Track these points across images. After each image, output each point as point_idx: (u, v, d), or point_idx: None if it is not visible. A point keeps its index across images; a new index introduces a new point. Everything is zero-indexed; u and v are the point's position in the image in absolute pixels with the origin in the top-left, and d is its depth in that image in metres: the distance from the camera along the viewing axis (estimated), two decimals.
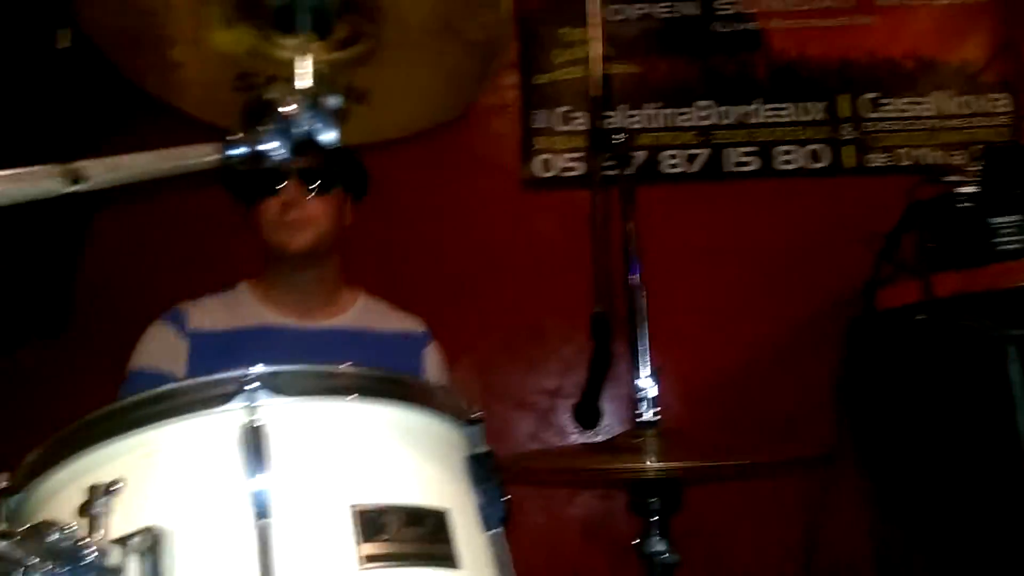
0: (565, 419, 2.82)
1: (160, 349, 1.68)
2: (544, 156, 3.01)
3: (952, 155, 2.84)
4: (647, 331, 1.58)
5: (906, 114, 2.91)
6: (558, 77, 3.07)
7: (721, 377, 2.70)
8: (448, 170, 3.03)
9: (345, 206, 1.87)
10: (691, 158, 2.96)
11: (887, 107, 2.93)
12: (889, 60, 3.01)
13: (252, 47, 0.90)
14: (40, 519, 0.76)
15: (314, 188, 1.76)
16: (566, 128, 3.02)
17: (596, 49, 2.21)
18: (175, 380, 1.61)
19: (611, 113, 3.00)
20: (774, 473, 1.71)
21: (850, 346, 2.34)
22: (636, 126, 2.99)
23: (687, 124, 2.99)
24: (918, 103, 2.92)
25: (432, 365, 1.90)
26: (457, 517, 0.84)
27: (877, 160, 2.89)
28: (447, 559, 0.80)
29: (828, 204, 2.84)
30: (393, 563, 0.76)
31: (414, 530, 0.79)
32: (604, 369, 1.98)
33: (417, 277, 2.87)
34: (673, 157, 2.97)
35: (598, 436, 2.70)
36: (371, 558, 0.74)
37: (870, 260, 2.49)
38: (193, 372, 1.65)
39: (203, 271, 2.64)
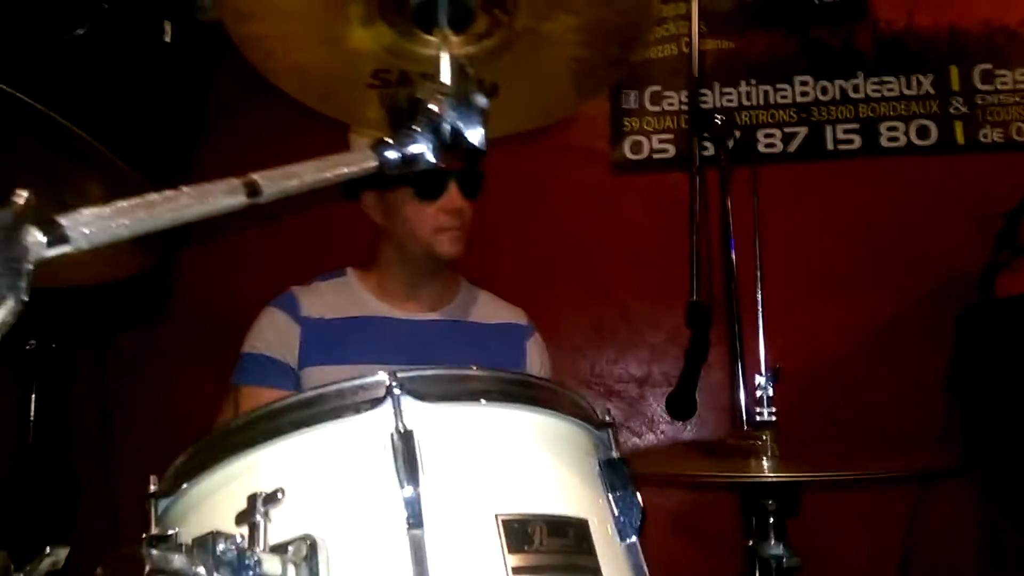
0: (655, 408, 2.78)
1: (274, 334, 1.70)
2: (634, 138, 2.95)
3: None
4: (761, 326, 1.53)
5: (1022, 86, 2.74)
6: (649, 55, 2.99)
7: (825, 368, 2.60)
8: (538, 156, 2.99)
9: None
10: (789, 137, 2.85)
11: (1002, 79, 2.76)
12: (1003, 29, 2.82)
13: (391, 44, 0.89)
14: (192, 523, 0.78)
15: (469, 192, 1.76)
16: (657, 108, 2.95)
17: (694, 27, 2.14)
18: (288, 366, 1.66)
19: (705, 91, 2.91)
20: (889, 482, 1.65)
21: (964, 336, 2.23)
22: (731, 104, 2.89)
23: (785, 101, 2.88)
24: None
25: (535, 356, 1.89)
26: (597, 526, 0.83)
27: (991, 136, 2.73)
28: (591, 571, 0.79)
29: (937, 184, 2.70)
30: (540, 574, 0.75)
31: (558, 541, 0.78)
32: (701, 360, 1.94)
33: (509, 264, 2.85)
34: (770, 136, 2.87)
35: (688, 428, 2.68)
36: (519, 569, 0.74)
37: (984, 244, 2.37)
38: (306, 358, 1.67)
39: (298, 259, 2.70)
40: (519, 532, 0.76)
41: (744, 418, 1.53)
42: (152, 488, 0.84)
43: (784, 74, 2.89)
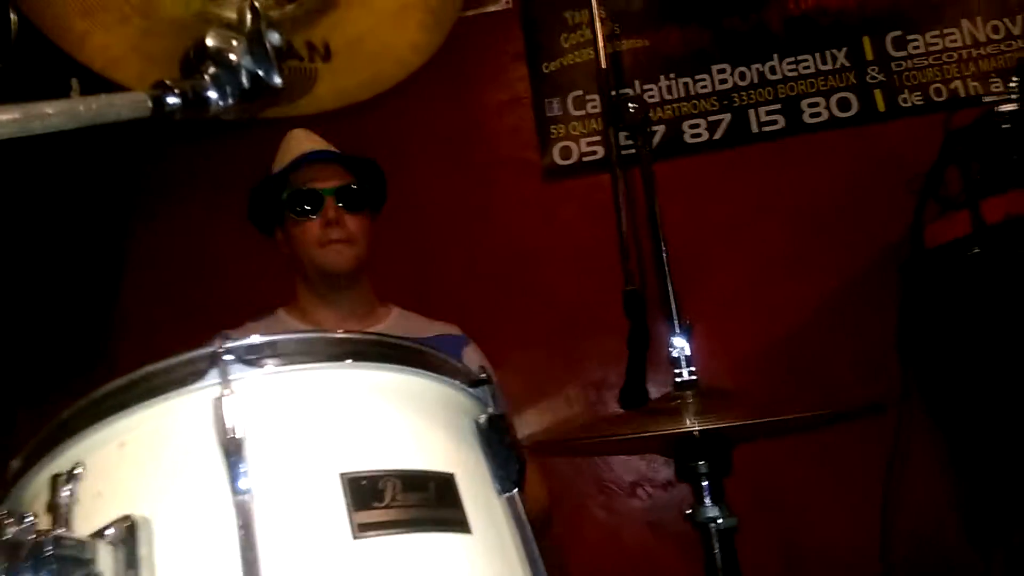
0: (613, 408, 2.73)
1: None
2: (562, 144, 2.94)
3: (990, 83, 2.68)
4: (673, 290, 1.48)
5: (935, 48, 2.76)
6: (568, 62, 3.00)
7: (781, 346, 2.57)
8: (467, 172, 2.98)
9: (372, 222, 1.90)
10: (714, 125, 2.86)
11: (913, 43, 2.79)
12: None
13: (200, 11, 0.86)
14: None
15: (352, 206, 1.81)
16: (581, 112, 2.95)
17: (595, 15, 2.15)
18: None
19: (626, 91, 2.91)
20: (826, 425, 1.59)
21: (904, 291, 2.20)
22: (653, 100, 2.90)
23: (705, 91, 2.89)
24: (947, 34, 2.77)
25: (473, 364, 1.85)
26: (465, 481, 0.77)
27: (911, 100, 2.74)
28: (456, 524, 0.73)
29: (865, 152, 2.71)
30: (393, 530, 0.69)
31: (416, 495, 0.72)
32: (643, 347, 1.89)
33: (448, 283, 2.82)
34: (695, 127, 2.87)
35: None
36: (366, 527, 0.68)
37: (915, 203, 2.36)
38: None
39: (236, 301, 2.65)
40: (367, 489, 0.70)
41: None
42: None
43: (701, 65, 2.91)
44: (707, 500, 1.27)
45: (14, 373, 2.45)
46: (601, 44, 2.13)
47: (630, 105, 1.93)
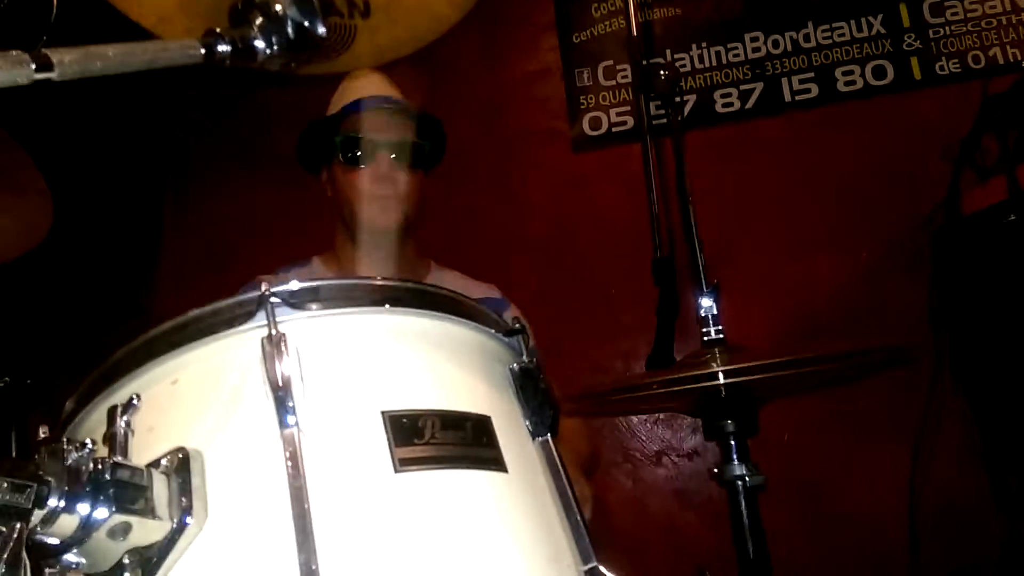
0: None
1: None
2: (592, 114, 2.94)
3: None
4: (702, 254, 1.48)
5: (974, 14, 2.71)
6: (598, 31, 2.99)
7: (806, 309, 2.56)
8: (497, 142, 2.99)
9: (424, 180, 1.83)
10: (746, 94, 2.83)
11: (951, 9, 2.73)
12: None
13: None
14: None
15: (406, 163, 1.73)
16: (611, 82, 2.94)
17: None
18: None
19: (657, 60, 2.89)
20: (853, 381, 1.59)
21: (939, 258, 2.19)
22: (684, 69, 2.88)
23: (737, 59, 2.86)
24: (986, 0, 2.71)
25: None
26: (500, 423, 0.79)
27: (947, 67, 2.70)
28: (493, 462, 0.76)
29: (899, 121, 2.68)
30: (432, 465, 0.71)
31: (454, 433, 0.75)
32: (672, 314, 1.90)
33: (478, 252, 2.83)
34: (727, 96, 2.85)
35: None
36: (407, 461, 0.70)
37: (950, 171, 2.33)
38: None
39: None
40: (407, 426, 0.73)
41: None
42: (43, 435, 0.81)
43: (734, 33, 2.88)
44: (735, 458, 1.28)
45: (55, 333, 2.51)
46: (632, 12, 2.13)
47: (661, 73, 1.92)
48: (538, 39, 3.07)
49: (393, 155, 1.71)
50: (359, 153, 1.71)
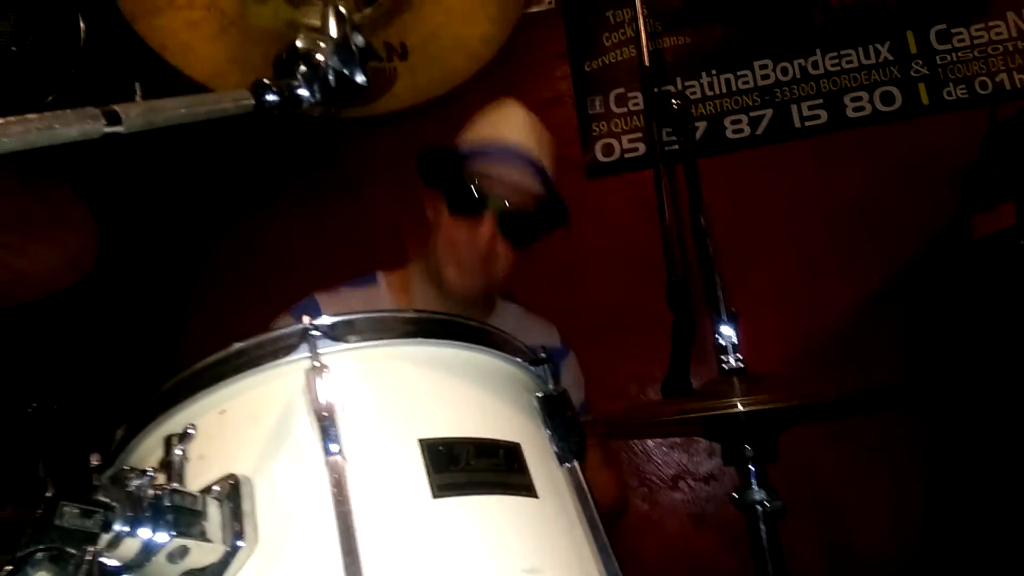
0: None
1: None
2: (604, 141, 2.99)
3: None
4: (720, 280, 1.52)
5: (980, 40, 2.76)
6: (610, 60, 3.05)
7: (819, 335, 2.59)
8: None
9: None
10: (755, 121, 2.88)
11: (958, 36, 2.78)
12: None
13: (290, 19, 0.93)
14: None
15: (511, 234, 1.58)
16: (623, 110, 3.00)
17: (638, 9, 2.19)
18: None
19: (667, 87, 2.95)
20: (870, 412, 1.61)
21: (949, 283, 2.21)
22: (694, 96, 2.93)
23: (747, 86, 2.91)
24: (992, 27, 2.76)
25: (569, 379, 1.79)
26: (530, 450, 0.83)
27: (955, 93, 2.74)
28: (524, 488, 0.79)
29: (908, 147, 2.72)
30: (468, 491, 0.75)
31: (487, 460, 0.79)
32: (687, 339, 1.93)
33: None
34: (737, 123, 2.90)
35: None
36: (444, 487, 0.74)
37: (959, 197, 2.37)
38: None
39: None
40: (444, 454, 0.76)
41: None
42: (95, 463, 0.85)
43: (743, 60, 2.93)
44: (754, 483, 1.31)
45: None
46: (643, 41, 2.19)
47: (673, 101, 1.97)
48: (551, 67, 3.13)
49: (500, 223, 1.57)
50: (464, 202, 1.57)
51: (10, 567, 0.57)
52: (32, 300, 1.13)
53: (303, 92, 0.77)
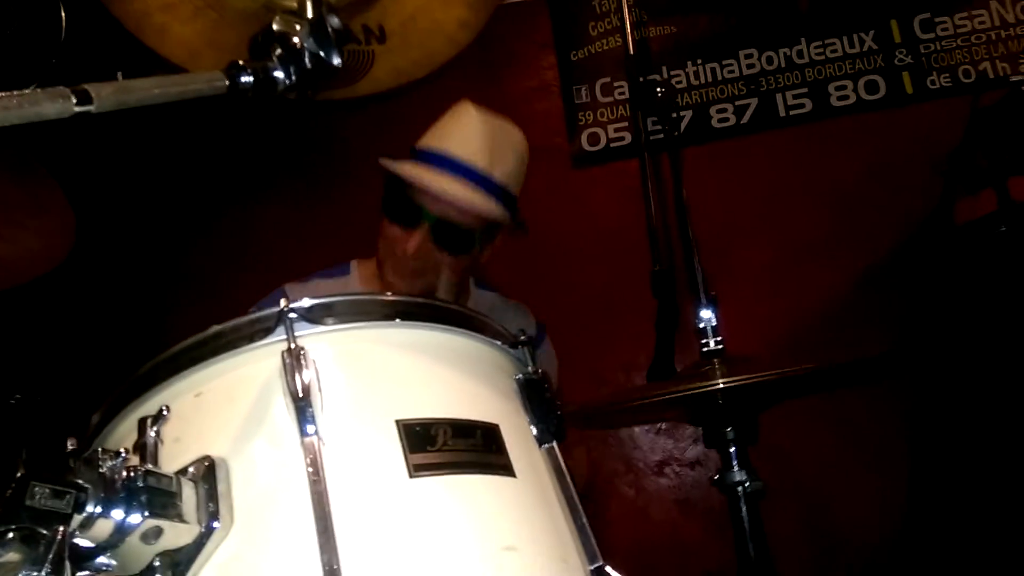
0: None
1: None
2: (590, 130, 2.99)
3: (1019, 63, 2.68)
4: (701, 267, 1.52)
5: (964, 29, 2.77)
6: (595, 49, 3.05)
7: (802, 321, 2.61)
8: None
9: (490, 246, 1.67)
10: (741, 110, 2.88)
11: (942, 25, 2.79)
12: None
13: (265, 1, 0.92)
14: None
15: (448, 245, 1.54)
16: (609, 99, 2.99)
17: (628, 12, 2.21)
18: None
19: (653, 77, 2.95)
20: (844, 383, 1.62)
21: (932, 268, 2.23)
22: (680, 86, 2.93)
23: (732, 75, 2.91)
24: (975, 16, 2.77)
25: (545, 364, 1.79)
26: (508, 430, 0.83)
27: (939, 82, 2.75)
28: (502, 467, 0.80)
29: (892, 135, 2.74)
30: (445, 471, 0.75)
31: (465, 441, 0.79)
32: (671, 326, 1.94)
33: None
34: (723, 111, 2.90)
35: None
36: (421, 467, 0.74)
37: (943, 184, 2.38)
38: None
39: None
40: (421, 434, 0.76)
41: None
42: (71, 447, 0.85)
43: (729, 49, 2.94)
44: (735, 465, 1.32)
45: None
46: (629, 31, 2.19)
47: (658, 90, 1.97)
48: (536, 57, 3.12)
49: (433, 233, 1.53)
50: (400, 211, 1.55)
51: None
52: (10, 287, 1.12)
53: (279, 74, 0.77)
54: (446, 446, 0.77)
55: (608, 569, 0.80)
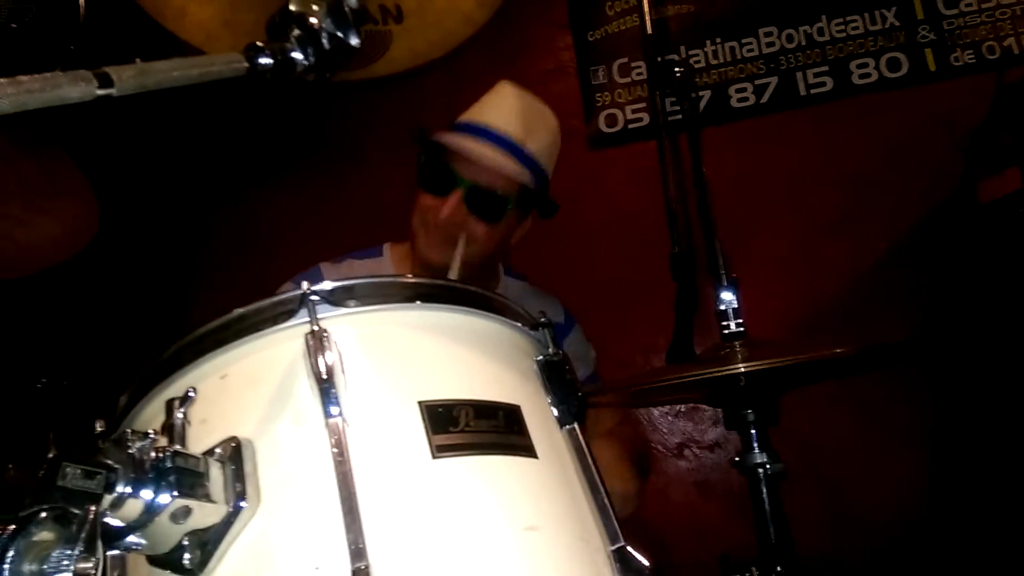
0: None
1: None
2: (607, 111, 2.97)
3: None
4: (721, 248, 1.51)
5: (987, 5, 2.71)
6: (612, 29, 3.02)
7: (824, 302, 2.59)
8: None
9: (519, 226, 1.70)
10: (760, 89, 2.85)
11: (965, 1, 2.74)
12: None
13: None
14: None
15: (481, 211, 1.57)
16: (626, 80, 2.97)
17: None
18: None
19: (671, 57, 2.92)
20: (866, 368, 1.61)
21: (955, 247, 2.21)
22: (699, 65, 2.90)
23: (751, 54, 2.88)
24: None
25: (573, 354, 1.80)
26: (530, 412, 0.84)
27: (963, 59, 2.70)
28: (524, 448, 0.80)
29: (915, 113, 2.69)
30: (467, 452, 0.76)
31: (487, 422, 0.79)
32: (691, 308, 1.93)
33: None
34: (742, 91, 2.87)
35: None
36: (443, 448, 0.75)
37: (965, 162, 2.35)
38: None
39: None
40: (443, 415, 0.77)
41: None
42: (100, 428, 0.86)
43: (748, 28, 2.90)
44: (755, 447, 1.31)
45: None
46: (647, 10, 2.16)
47: (676, 70, 1.95)
48: (553, 38, 3.10)
49: (466, 200, 1.56)
50: (432, 179, 1.59)
51: (14, 526, 0.58)
52: (35, 272, 1.13)
53: (297, 55, 0.77)
54: (468, 427, 0.77)
55: (629, 549, 0.81)
